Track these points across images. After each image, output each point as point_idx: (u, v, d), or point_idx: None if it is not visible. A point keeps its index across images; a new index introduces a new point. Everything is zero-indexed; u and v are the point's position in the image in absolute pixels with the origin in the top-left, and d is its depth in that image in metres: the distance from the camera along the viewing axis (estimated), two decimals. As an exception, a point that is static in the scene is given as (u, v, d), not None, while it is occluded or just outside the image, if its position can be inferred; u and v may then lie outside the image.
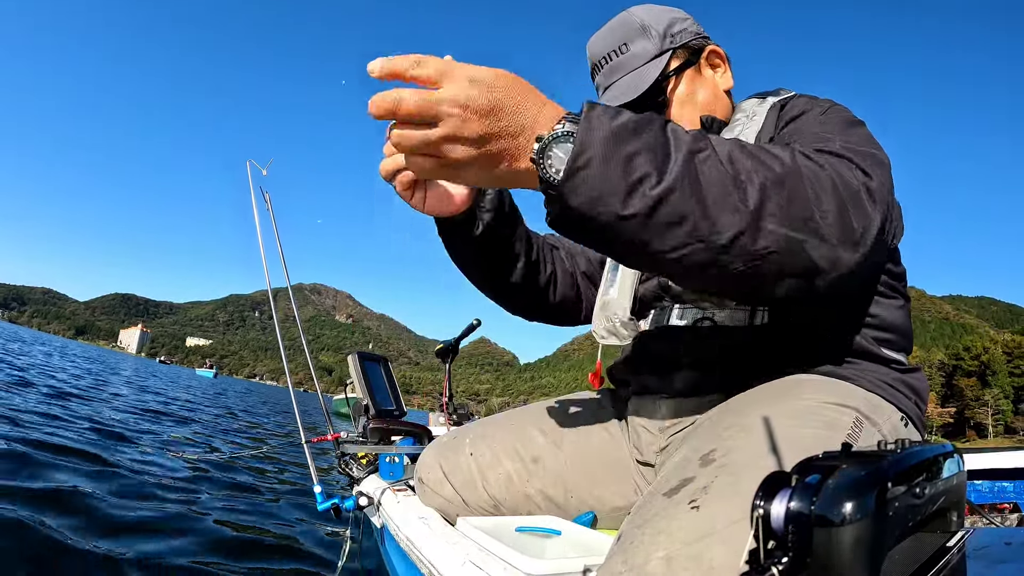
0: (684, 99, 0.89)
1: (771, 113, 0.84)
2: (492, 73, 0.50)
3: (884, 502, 0.31)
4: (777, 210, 0.52)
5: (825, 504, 0.31)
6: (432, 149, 0.50)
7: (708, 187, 0.51)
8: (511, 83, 0.51)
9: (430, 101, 0.48)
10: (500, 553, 0.67)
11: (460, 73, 0.49)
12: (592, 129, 0.50)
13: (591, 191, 0.49)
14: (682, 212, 0.50)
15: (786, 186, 0.53)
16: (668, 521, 0.50)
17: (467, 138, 0.50)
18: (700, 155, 0.52)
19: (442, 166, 0.52)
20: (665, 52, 0.88)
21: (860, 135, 0.69)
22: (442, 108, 0.49)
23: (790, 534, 0.31)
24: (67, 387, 7.44)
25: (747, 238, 0.52)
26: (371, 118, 0.50)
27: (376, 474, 1.33)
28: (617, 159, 0.49)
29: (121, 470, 3.08)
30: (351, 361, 1.39)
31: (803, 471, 0.34)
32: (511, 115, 0.50)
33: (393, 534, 0.95)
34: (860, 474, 0.32)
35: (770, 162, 0.54)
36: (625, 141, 0.50)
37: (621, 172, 0.49)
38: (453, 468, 0.95)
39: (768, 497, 0.33)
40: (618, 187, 0.49)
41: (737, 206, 0.51)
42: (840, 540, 0.30)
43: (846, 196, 0.56)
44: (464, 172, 0.53)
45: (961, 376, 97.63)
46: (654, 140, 0.51)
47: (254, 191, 1.68)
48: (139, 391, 10.35)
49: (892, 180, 0.65)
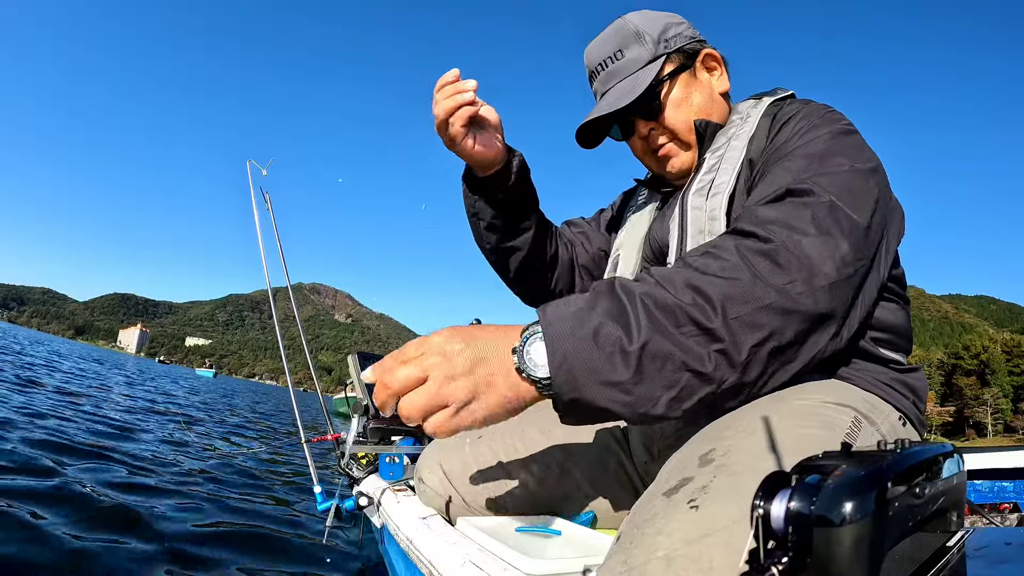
0: (678, 103, 0.90)
1: (765, 116, 0.84)
2: (447, 328, 0.57)
3: (884, 502, 0.31)
4: (741, 317, 0.54)
5: (825, 504, 0.31)
6: (438, 400, 0.53)
7: (668, 318, 0.53)
8: (466, 327, 0.57)
9: (413, 363, 0.54)
10: (500, 553, 0.67)
11: (423, 343, 0.55)
12: (552, 324, 0.53)
13: (580, 376, 0.52)
14: (664, 351, 0.52)
15: (742, 294, 0.55)
16: (667, 521, 0.50)
17: (459, 371, 0.53)
18: (649, 295, 0.54)
19: (456, 412, 0.53)
20: (659, 57, 0.89)
21: (841, 163, 0.67)
22: (426, 361, 0.53)
23: (790, 534, 0.31)
24: (72, 387, 7.45)
25: (730, 354, 0.54)
26: (383, 413, 0.56)
27: (376, 474, 1.33)
28: (586, 338, 0.52)
29: (119, 468, 3.08)
30: (351, 361, 1.39)
31: (803, 471, 0.34)
32: (481, 341, 0.55)
33: (393, 534, 0.95)
34: (860, 474, 0.32)
35: (715, 276, 0.55)
36: (586, 320, 0.53)
37: (595, 347, 0.52)
38: (453, 468, 0.95)
39: (768, 497, 0.33)
40: (599, 361, 0.51)
41: (704, 330, 0.53)
42: (840, 540, 0.30)
43: (807, 277, 0.57)
44: (476, 405, 0.54)
45: (960, 375, 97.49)
46: (610, 305, 0.54)
47: (254, 191, 1.68)
48: (145, 391, 10.34)
49: (875, 206, 0.65)
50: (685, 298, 0.54)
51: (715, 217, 0.78)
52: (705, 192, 0.81)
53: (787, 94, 0.89)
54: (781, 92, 0.90)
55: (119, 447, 3.79)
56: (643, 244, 0.98)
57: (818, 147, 0.69)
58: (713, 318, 0.53)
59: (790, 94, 0.90)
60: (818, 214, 0.60)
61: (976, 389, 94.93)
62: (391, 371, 0.54)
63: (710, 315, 0.53)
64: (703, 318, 0.53)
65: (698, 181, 0.83)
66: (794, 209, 0.61)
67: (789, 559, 0.31)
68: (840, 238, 0.59)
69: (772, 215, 0.61)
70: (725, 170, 0.80)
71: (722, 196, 0.78)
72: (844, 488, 0.31)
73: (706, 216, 0.79)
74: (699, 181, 0.83)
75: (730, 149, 0.82)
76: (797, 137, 0.73)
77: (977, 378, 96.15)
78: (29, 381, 6.93)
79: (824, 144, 0.69)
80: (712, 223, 0.78)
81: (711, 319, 0.53)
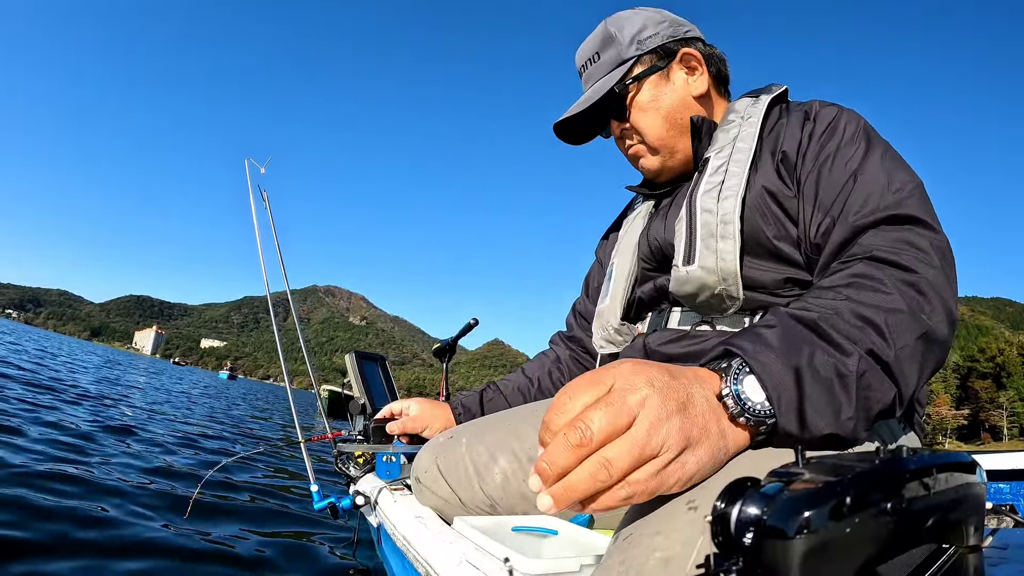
0: (644, 106, 0.92)
1: (791, 116, 0.83)
2: (629, 360, 0.45)
3: (844, 514, 0.30)
4: (906, 348, 0.54)
5: (777, 515, 0.29)
6: (648, 450, 0.40)
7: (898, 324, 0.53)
8: (645, 361, 0.46)
9: (613, 403, 0.41)
10: (497, 552, 0.67)
11: (608, 373, 0.43)
12: (759, 360, 0.47)
13: (807, 410, 0.47)
14: (886, 358, 0.51)
15: (905, 326, 0.55)
16: (666, 521, 0.49)
17: (673, 410, 0.42)
18: (828, 321, 0.52)
19: (665, 465, 0.41)
20: (628, 60, 0.91)
21: (907, 178, 0.70)
22: (630, 399, 0.41)
23: (743, 542, 0.30)
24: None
25: (900, 384, 0.53)
26: (557, 508, 0.41)
27: (373, 473, 1.33)
28: (805, 368, 0.47)
29: (115, 468, 3.07)
30: (349, 360, 1.39)
31: (772, 477, 0.33)
32: (679, 378, 0.45)
33: (390, 533, 0.95)
34: (820, 484, 0.30)
35: (879, 308, 0.55)
36: (794, 350, 0.49)
37: (818, 377, 0.48)
38: (450, 467, 0.95)
39: (731, 501, 0.32)
40: (824, 392, 0.48)
41: (881, 363, 0.52)
42: (790, 553, 0.28)
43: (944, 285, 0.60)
44: (688, 456, 0.43)
45: (976, 378, 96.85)
46: (804, 331, 0.51)
47: (252, 190, 1.68)
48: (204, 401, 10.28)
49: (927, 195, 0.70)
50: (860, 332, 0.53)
51: (728, 221, 0.77)
52: (715, 194, 0.80)
53: (782, 90, 0.89)
54: (776, 88, 0.90)
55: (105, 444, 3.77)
56: (638, 245, 0.97)
57: (887, 162, 0.72)
58: (887, 351, 0.52)
59: (784, 90, 0.89)
60: (935, 243, 0.63)
61: (992, 392, 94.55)
62: (578, 418, 0.40)
63: (885, 350, 0.52)
64: (879, 352, 0.52)
65: (705, 182, 0.82)
66: (914, 237, 0.63)
67: (739, 569, 0.30)
68: (950, 269, 0.63)
69: (898, 242, 0.63)
70: (734, 173, 0.80)
71: (734, 200, 0.77)
72: (798, 499, 0.30)
73: (717, 220, 0.78)
74: (707, 183, 0.82)
75: (737, 151, 0.82)
76: (854, 147, 0.74)
77: (993, 381, 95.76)
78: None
79: (890, 161, 0.73)
80: (724, 227, 0.77)
81: (886, 353, 0.52)
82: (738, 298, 0.78)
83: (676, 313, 0.88)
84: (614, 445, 0.40)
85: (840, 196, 0.71)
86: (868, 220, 0.67)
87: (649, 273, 0.95)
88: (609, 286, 1.00)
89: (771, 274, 0.78)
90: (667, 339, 0.86)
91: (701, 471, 0.44)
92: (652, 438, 0.40)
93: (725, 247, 0.77)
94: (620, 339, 0.98)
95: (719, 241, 0.77)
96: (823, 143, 0.77)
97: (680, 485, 0.43)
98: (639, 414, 0.41)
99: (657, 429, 0.40)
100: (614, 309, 0.97)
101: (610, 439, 0.40)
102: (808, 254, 0.76)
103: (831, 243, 0.70)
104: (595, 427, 0.39)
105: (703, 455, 0.43)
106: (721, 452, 0.45)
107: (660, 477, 0.41)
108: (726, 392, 0.46)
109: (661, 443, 0.41)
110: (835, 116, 0.79)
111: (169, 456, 3.73)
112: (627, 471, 0.40)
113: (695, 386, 0.45)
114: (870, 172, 0.71)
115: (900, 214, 0.66)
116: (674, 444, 0.41)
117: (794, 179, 0.77)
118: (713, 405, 0.45)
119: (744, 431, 0.47)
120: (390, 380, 1.52)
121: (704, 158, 0.87)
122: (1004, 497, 1.68)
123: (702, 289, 0.79)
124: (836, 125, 0.78)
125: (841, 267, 0.64)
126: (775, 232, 0.77)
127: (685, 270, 0.80)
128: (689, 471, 0.43)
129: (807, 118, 0.80)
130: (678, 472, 0.42)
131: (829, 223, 0.71)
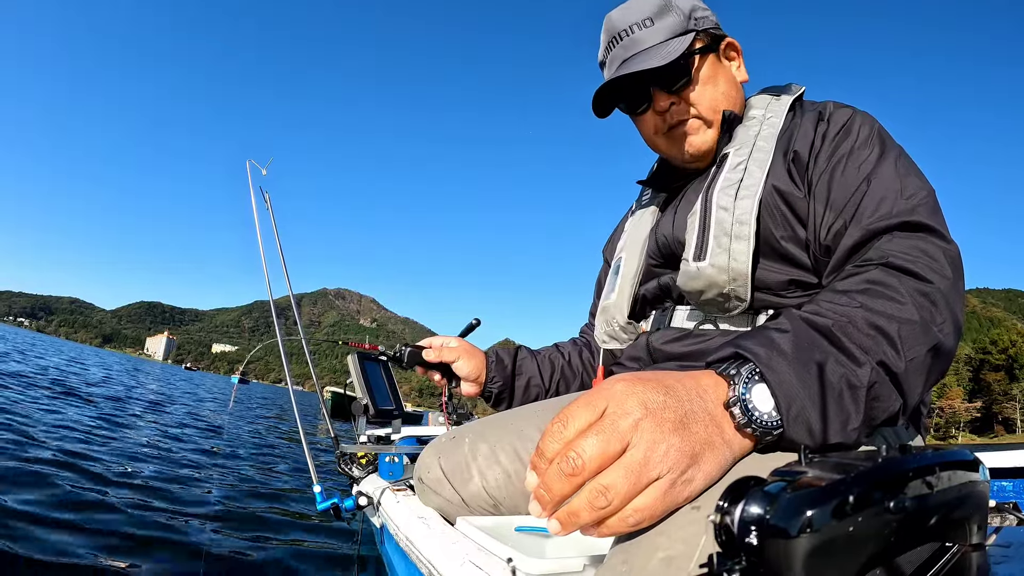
0: (706, 80, 0.88)
1: (805, 116, 0.82)
2: (624, 376, 0.44)
3: (847, 513, 0.30)
4: (916, 360, 0.54)
5: (780, 514, 0.29)
6: (647, 475, 0.40)
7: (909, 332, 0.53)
8: (645, 373, 0.45)
9: (604, 430, 0.40)
10: (500, 553, 0.67)
11: (598, 395, 0.42)
12: (771, 367, 0.46)
13: (817, 420, 0.46)
14: (896, 370, 0.51)
15: (916, 337, 0.55)
16: (668, 521, 0.50)
17: (670, 429, 0.41)
18: (842, 329, 0.52)
19: (671, 485, 0.41)
20: (690, 32, 0.87)
21: (922, 185, 0.70)
22: (621, 424, 0.40)
23: (746, 542, 0.30)
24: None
25: (906, 394, 0.54)
26: (563, 532, 0.41)
27: (376, 474, 1.33)
28: (815, 377, 0.47)
29: (119, 467, 3.08)
30: (350, 360, 1.39)
31: (776, 475, 0.33)
32: (677, 390, 0.44)
33: (393, 534, 0.95)
34: (821, 485, 0.30)
35: (892, 318, 0.55)
36: (805, 357, 0.48)
37: (828, 387, 0.47)
38: (452, 468, 0.95)
39: (734, 501, 0.32)
40: (836, 401, 0.48)
41: (890, 374, 0.52)
42: (792, 552, 0.28)
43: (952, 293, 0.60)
44: (694, 472, 0.42)
45: (988, 370, 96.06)
46: (816, 338, 0.50)
47: (254, 192, 1.68)
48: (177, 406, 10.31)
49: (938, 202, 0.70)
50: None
51: (743, 221, 0.76)
52: (733, 192, 0.78)
53: (802, 91, 0.88)
54: (796, 89, 0.89)
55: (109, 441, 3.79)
56: (647, 241, 0.96)
57: (901, 167, 0.72)
58: (898, 363, 0.52)
59: (803, 91, 0.89)
60: (948, 253, 0.63)
61: (1004, 384, 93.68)
62: (569, 446, 0.40)
63: (896, 362, 0.52)
64: (890, 363, 0.52)
65: (723, 179, 0.81)
66: (928, 246, 0.63)
67: (742, 568, 0.30)
68: (960, 281, 0.63)
69: (913, 250, 0.63)
70: (753, 172, 0.79)
71: (751, 200, 0.76)
72: (802, 498, 0.30)
73: (733, 219, 0.77)
74: (724, 179, 0.81)
75: (757, 150, 0.81)
76: (868, 151, 0.74)
77: (1005, 373, 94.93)
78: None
79: (903, 166, 0.72)
80: (740, 227, 0.76)
81: (897, 365, 0.52)
82: (745, 300, 0.77)
83: (680, 311, 0.88)
84: (609, 472, 0.39)
85: (853, 198, 0.71)
86: (882, 224, 0.67)
87: (655, 270, 0.94)
88: (616, 281, 0.99)
89: (777, 275, 0.77)
90: (671, 337, 0.86)
91: (709, 484, 0.44)
92: (649, 462, 0.40)
93: (739, 247, 0.76)
94: (624, 336, 0.97)
95: (733, 241, 0.76)
96: (836, 144, 0.76)
97: (688, 500, 0.43)
98: (632, 439, 0.40)
99: (653, 452, 0.40)
100: (620, 306, 0.97)
101: (604, 466, 0.39)
102: (816, 255, 0.75)
103: (843, 245, 0.69)
104: (586, 456, 0.39)
105: (710, 468, 0.43)
106: (728, 461, 0.45)
107: (668, 498, 0.41)
108: (733, 400, 0.46)
109: (660, 465, 0.40)
110: (849, 118, 0.78)
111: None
112: (627, 496, 0.39)
113: (695, 400, 0.44)
114: (884, 176, 0.71)
115: (913, 221, 0.66)
116: (675, 464, 0.41)
117: (805, 180, 0.77)
118: (716, 416, 0.45)
119: (749, 438, 0.47)
120: (392, 379, 1.53)
121: (723, 153, 0.85)
122: (1007, 495, 1.67)
123: (710, 287, 0.78)
124: (850, 127, 0.77)
125: (856, 271, 0.64)
126: (783, 233, 0.76)
127: (695, 266, 0.79)
128: (697, 487, 0.42)
129: (821, 119, 0.80)
130: (686, 490, 0.42)
131: (841, 225, 0.71)
